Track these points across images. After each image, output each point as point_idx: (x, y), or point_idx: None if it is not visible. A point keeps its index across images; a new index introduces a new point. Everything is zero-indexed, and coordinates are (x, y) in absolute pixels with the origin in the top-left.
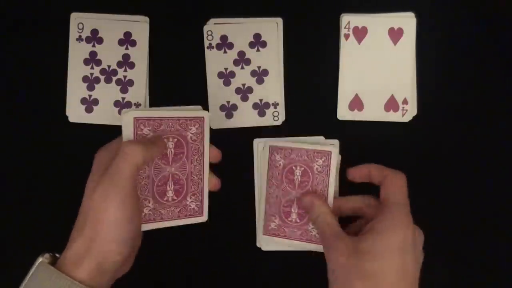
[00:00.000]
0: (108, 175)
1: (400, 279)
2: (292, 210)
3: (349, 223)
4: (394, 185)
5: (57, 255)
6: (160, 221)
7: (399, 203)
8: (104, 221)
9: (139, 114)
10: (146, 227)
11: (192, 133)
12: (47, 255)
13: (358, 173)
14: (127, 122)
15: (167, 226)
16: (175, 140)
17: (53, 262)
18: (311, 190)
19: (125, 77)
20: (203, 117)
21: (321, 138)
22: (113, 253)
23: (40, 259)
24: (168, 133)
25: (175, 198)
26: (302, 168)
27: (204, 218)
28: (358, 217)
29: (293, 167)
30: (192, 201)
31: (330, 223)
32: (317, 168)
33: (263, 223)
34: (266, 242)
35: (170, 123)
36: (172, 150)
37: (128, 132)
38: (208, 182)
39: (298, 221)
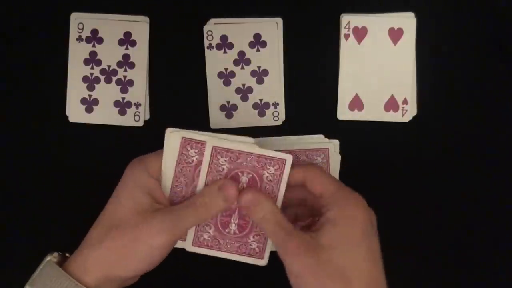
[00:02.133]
0: (171, 215)
1: (371, 266)
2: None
3: None
4: (320, 177)
5: (67, 254)
6: (216, 250)
7: (341, 189)
8: (143, 246)
9: (216, 143)
10: (200, 251)
11: (269, 173)
12: (55, 254)
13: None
14: (207, 151)
15: (223, 257)
16: (250, 176)
17: (61, 261)
18: None
19: (125, 77)
20: (285, 160)
21: (321, 136)
22: (129, 272)
23: (48, 258)
24: (243, 168)
25: (237, 232)
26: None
27: (263, 262)
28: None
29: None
30: (254, 241)
31: (281, 221)
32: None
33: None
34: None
35: (249, 158)
36: (245, 185)
37: (203, 161)
38: None
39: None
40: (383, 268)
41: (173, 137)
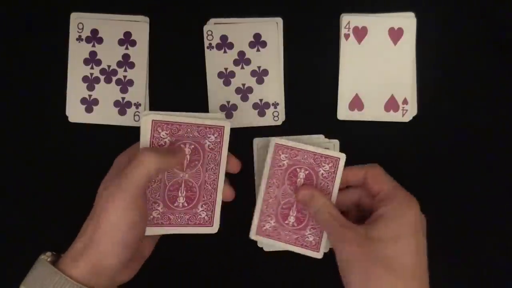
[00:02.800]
0: (118, 179)
1: (417, 260)
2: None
3: None
4: (379, 175)
5: (62, 254)
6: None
7: (397, 188)
8: (104, 222)
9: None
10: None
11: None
12: (48, 253)
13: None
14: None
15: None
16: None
17: (55, 261)
18: None
19: (125, 77)
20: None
21: (321, 136)
22: (108, 255)
23: (41, 257)
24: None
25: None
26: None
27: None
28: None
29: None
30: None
31: (335, 214)
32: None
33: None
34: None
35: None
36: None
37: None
38: (222, 192)
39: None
40: (427, 265)
41: (145, 120)
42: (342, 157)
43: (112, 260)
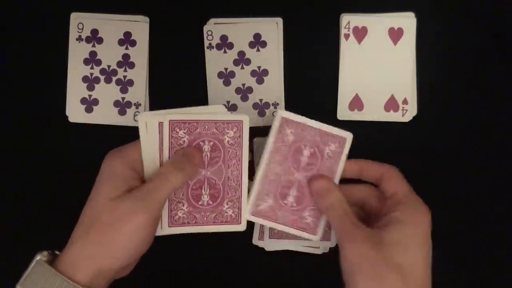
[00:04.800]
0: (141, 192)
1: (426, 267)
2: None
3: None
4: (397, 178)
5: (57, 252)
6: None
7: (412, 193)
8: (122, 231)
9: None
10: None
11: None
12: (45, 253)
13: (348, 168)
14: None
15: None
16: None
17: (52, 260)
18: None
19: (125, 77)
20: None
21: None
22: (118, 262)
23: (38, 257)
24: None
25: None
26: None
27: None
28: None
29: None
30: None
31: (349, 212)
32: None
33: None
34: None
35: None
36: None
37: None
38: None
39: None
40: (431, 272)
41: (149, 123)
42: (349, 137)
43: (119, 265)
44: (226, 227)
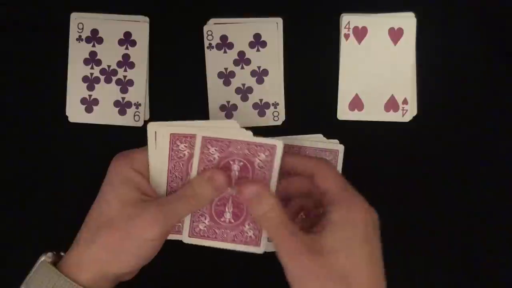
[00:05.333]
0: (163, 206)
1: (372, 269)
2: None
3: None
4: (328, 173)
5: (62, 253)
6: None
7: (346, 189)
8: (135, 239)
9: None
10: (198, 242)
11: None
12: (49, 254)
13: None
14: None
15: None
16: (241, 164)
17: (56, 261)
18: None
19: (125, 77)
20: (276, 145)
21: (320, 136)
22: (124, 267)
23: (42, 258)
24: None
25: (233, 221)
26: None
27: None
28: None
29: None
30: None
31: (283, 220)
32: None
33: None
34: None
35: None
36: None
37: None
38: None
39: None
40: (383, 270)
41: (160, 133)
42: (279, 144)
43: (124, 270)
44: (244, 247)
